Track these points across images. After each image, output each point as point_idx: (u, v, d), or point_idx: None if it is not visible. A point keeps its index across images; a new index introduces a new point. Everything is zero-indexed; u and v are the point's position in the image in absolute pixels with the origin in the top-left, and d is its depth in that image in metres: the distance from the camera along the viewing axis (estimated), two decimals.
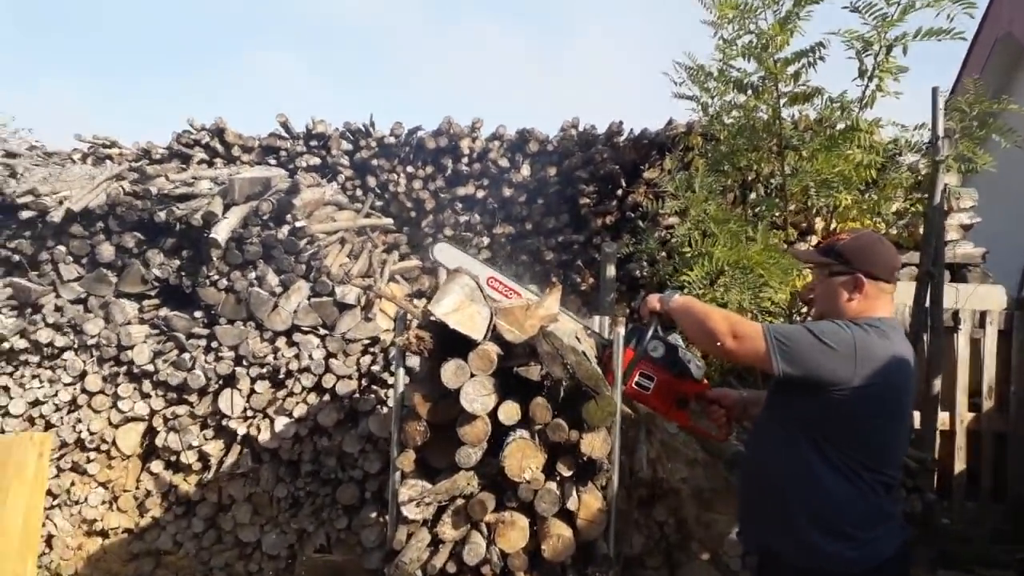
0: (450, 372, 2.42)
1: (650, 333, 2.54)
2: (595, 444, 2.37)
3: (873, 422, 2.11)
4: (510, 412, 2.42)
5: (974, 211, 5.32)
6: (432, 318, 2.43)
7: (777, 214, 4.49)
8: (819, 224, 5.20)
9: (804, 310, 3.98)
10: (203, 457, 4.80)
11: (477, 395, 2.38)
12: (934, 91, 3.67)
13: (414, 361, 4.47)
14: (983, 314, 4.77)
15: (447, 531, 2.49)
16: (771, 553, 2.27)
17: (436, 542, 2.53)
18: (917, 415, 4.32)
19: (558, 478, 2.47)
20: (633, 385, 2.58)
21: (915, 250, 4.84)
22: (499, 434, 2.48)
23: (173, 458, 4.80)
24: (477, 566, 2.41)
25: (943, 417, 4.79)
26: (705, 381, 2.64)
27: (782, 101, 3.90)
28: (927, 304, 4.14)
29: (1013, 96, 5.19)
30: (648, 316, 2.55)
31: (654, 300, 2.52)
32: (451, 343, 2.50)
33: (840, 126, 4.05)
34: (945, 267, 4.64)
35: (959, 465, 4.82)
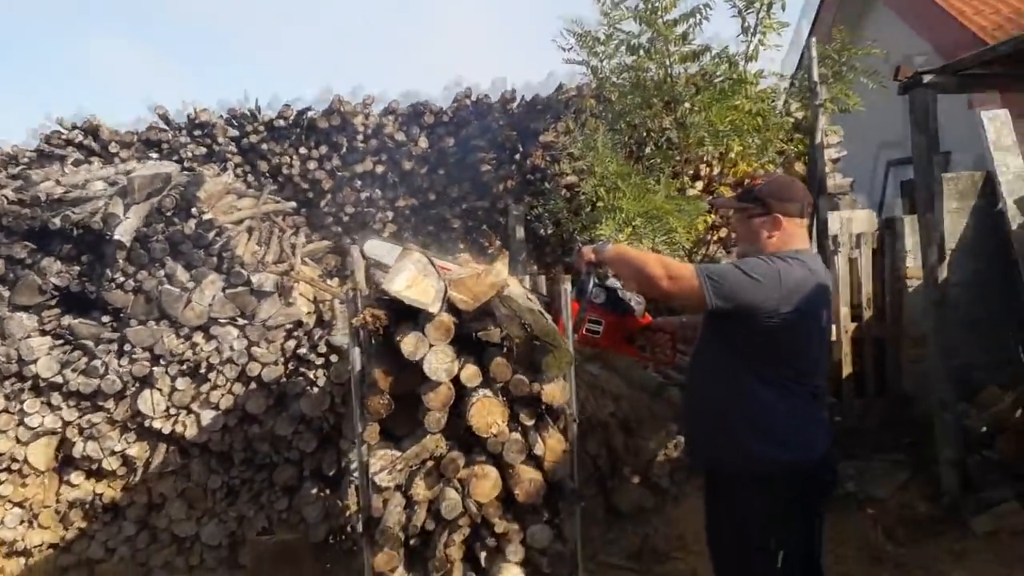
0: (410, 344, 2.51)
1: (592, 282, 2.73)
2: (555, 393, 2.55)
3: (799, 341, 2.37)
4: (472, 374, 2.56)
5: (840, 146, 5.85)
6: (387, 296, 2.52)
7: (671, 165, 4.80)
8: (706, 171, 5.59)
9: (708, 250, 4.33)
10: (127, 462, 4.66)
11: (440, 363, 2.50)
12: (808, 43, 4.04)
13: (342, 340, 4.52)
14: (858, 236, 5.31)
15: (421, 492, 2.62)
16: (717, 465, 2.52)
17: (410, 504, 2.66)
18: None
19: (519, 428, 2.65)
20: (584, 331, 2.77)
21: None
22: (459, 395, 2.63)
23: (94, 467, 4.63)
24: (455, 519, 2.56)
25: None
26: (647, 315, 2.87)
27: (672, 60, 4.17)
28: (813, 231, 4.57)
29: (864, 35, 5.75)
30: (585, 267, 2.74)
31: (589, 251, 2.67)
32: (402, 317, 2.61)
33: (722, 79, 4.37)
34: None
35: (846, 369, 5.38)
